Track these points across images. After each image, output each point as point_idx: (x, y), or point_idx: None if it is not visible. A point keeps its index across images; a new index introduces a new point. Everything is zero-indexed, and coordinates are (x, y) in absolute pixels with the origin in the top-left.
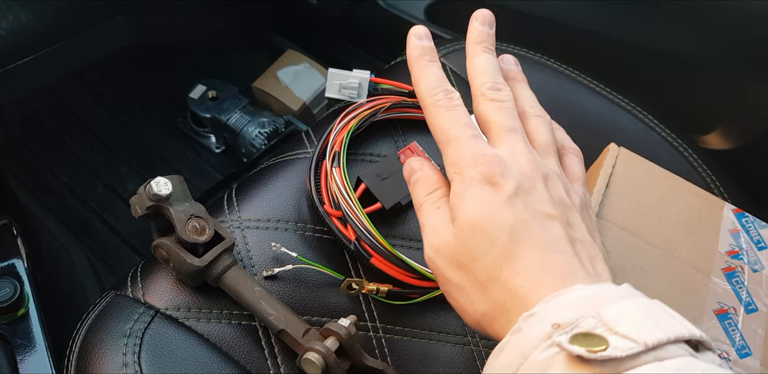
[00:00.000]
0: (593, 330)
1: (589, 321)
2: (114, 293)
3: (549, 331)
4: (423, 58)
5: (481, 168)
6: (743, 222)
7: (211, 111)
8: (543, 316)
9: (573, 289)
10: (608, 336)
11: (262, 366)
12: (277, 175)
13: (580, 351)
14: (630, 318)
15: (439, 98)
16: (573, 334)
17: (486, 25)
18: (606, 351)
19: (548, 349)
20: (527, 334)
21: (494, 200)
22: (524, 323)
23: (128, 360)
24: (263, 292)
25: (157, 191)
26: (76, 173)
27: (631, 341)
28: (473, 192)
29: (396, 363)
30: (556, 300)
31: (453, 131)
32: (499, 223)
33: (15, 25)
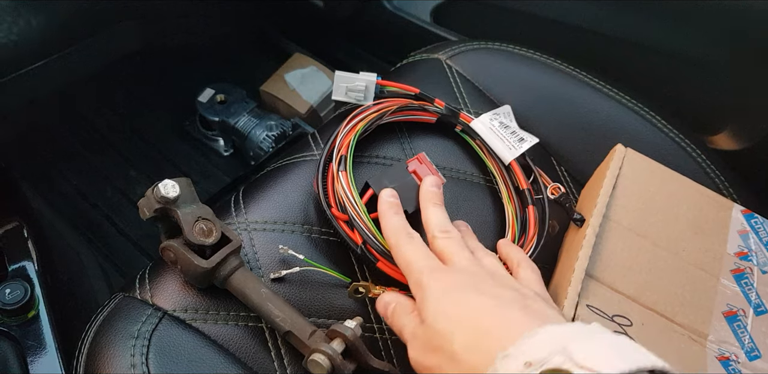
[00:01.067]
0: (561, 366)
1: (557, 357)
2: (122, 295)
3: (522, 369)
4: (390, 210)
5: (443, 272)
6: (752, 223)
7: (219, 114)
8: (516, 356)
9: (543, 329)
10: (574, 370)
11: (268, 367)
12: (284, 177)
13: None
14: (594, 352)
15: (402, 237)
16: (542, 370)
17: (434, 186)
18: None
19: None
20: (504, 372)
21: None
22: (500, 363)
23: (136, 361)
24: (270, 294)
25: (165, 193)
26: (86, 176)
27: (592, 372)
28: (431, 293)
29: (402, 365)
30: (529, 340)
31: (412, 257)
32: (456, 294)
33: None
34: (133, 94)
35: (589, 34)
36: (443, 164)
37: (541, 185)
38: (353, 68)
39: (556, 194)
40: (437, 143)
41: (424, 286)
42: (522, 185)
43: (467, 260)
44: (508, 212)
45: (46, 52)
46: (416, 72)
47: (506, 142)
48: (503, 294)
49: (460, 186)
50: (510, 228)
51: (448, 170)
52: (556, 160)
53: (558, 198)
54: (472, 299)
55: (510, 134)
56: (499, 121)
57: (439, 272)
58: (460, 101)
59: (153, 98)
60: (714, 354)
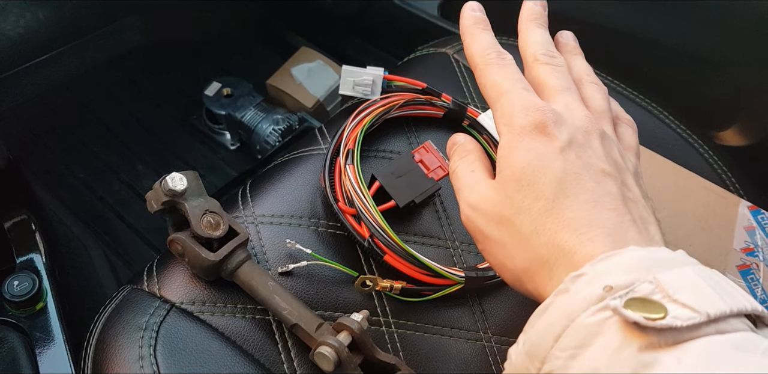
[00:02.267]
0: (650, 296)
1: (645, 285)
2: (130, 287)
3: (600, 294)
4: (476, 26)
5: (533, 117)
6: (759, 219)
7: (225, 108)
8: (593, 277)
9: (626, 250)
10: (667, 303)
11: (275, 359)
12: (291, 171)
13: (637, 317)
14: (690, 286)
15: (492, 57)
16: (628, 299)
17: (539, 6)
18: (665, 320)
19: (599, 313)
20: (575, 295)
21: (545, 150)
22: (572, 283)
23: (144, 352)
24: (277, 287)
25: (173, 186)
26: (94, 169)
27: (691, 310)
28: (522, 143)
29: (408, 358)
30: (609, 260)
31: (504, 84)
32: (549, 174)
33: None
34: (140, 87)
35: (597, 29)
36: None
37: None
38: (360, 62)
39: None
40: (444, 138)
41: (515, 129)
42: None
43: (573, 103)
44: None
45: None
46: (423, 66)
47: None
48: (605, 187)
49: None
50: None
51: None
52: None
53: None
54: (569, 175)
55: None
56: None
57: (536, 113)
58: (467, 96)
59: (160, 91)
60: None
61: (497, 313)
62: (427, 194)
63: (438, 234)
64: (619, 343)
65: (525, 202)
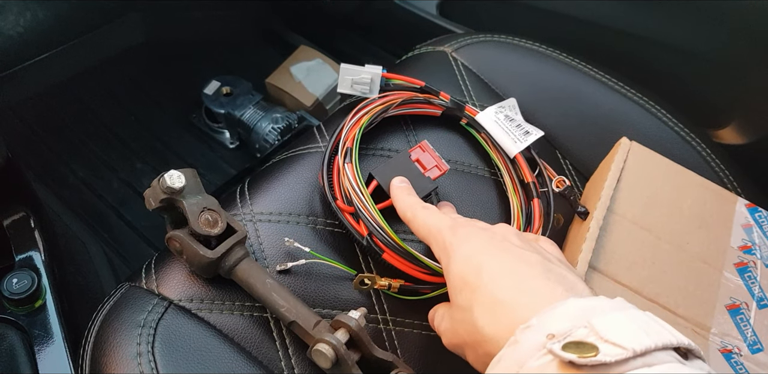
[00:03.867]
0: (585, 339)
1: (581, 330)
2: (129, 284)
3: (543, 341)
4: (402, 192)
5: (459, 229)
6: (756, 217)
7: (225, 107)
8: (539, 327)
9: (568, 301)
10: (599, 343)
11: (273, 356)
12: (289, 169)
13: (571, 356)
14: (619, 327)
15: (418, 208)
16: (566, 342)
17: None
18: (596, 357)
19: (542, 357)
20: (523, 344)
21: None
22: (521, 334)
23: (142, 349)
24: (275, 284)
25: (171, 184)
26: (93, 167)
27: (620, 347)
28: (458, 251)
29: (405, 355)
30: (552, 312)
31: (431, 221)
32: (482, 270)
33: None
34: (139, 86)
35: (595, 27)
36: (448, 157)
37: (546, 178)
38: (359, 61)
39: (560, 187)
40: (442, 136)
41: (449, 249)
42: (527, 178)
43: (484, 223)
44: (513, 205)
45: (52, 44)
46: (422, 65)
47: (511, 135)
48: (527, 258)
49: (465, 179)
50: (515, 221)
51: (453, 163)
52: (561, 153)
53: (563, 191)
54: (495, 265)
55: (515, 127)
56: (504, 114)
57: (463, 228)
58: (465, 94)
59: (159, 90)
60: (716, 347)
61: None
62: (423, 193)
63: None
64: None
65: (467, 301)
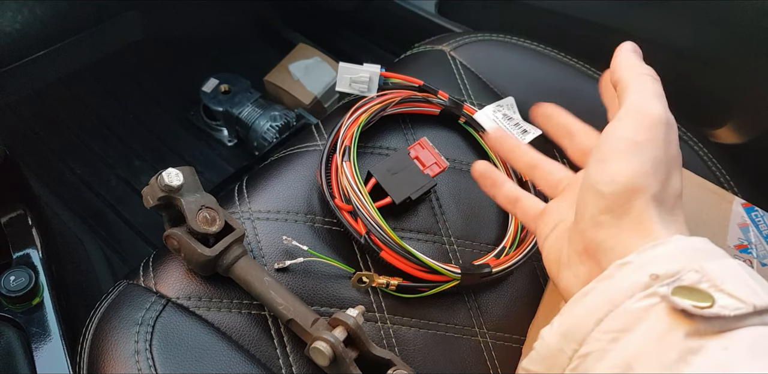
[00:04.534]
0: (697, 285)
1: (691, 274)
2: (126, 282)
3: (646, 281)
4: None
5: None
6: (752, 216)
7: (223, 105)
8: (639, 265)
9: (672, 240)
10: (714, 292)
11: (271, 354)
12: (288, 167)
13: (685, 304)
14: (735, 277)
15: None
16: (675, 287)
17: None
18: (713, 309)
19: (645, 299)
20: (620, 282)
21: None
22: (617, 270)
23: (140, 347)
24: (273, 282)
25: (169, 181)
26: (90, 165)
27: (738, 300)
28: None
29: (403, 353)
30: (654, 249)
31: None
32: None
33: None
34: (137, 84)
35: (593, 26)
36: (446, 156)
37: None
38: (357, 59)
39: None
40: (440, 135)
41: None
42: (525, 177)
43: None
44: None
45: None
46: (420, 63)
47: (509, 134)
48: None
49: (463, 178)
50: (513, 221)
51: (452, 162)
52: (559, 152)
53: None
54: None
55: (513, 126)
56: (502, 113)
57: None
58: (463, 93)
59: (157, 87)
60: None
61: (493, 309)
62: (422, 191)
63: (434, 230)
64: (666, 329)
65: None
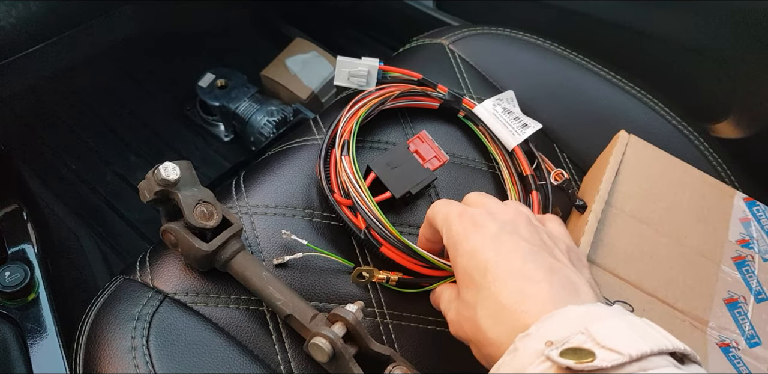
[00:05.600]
0: (582, 345)
1: (578, 337)
2: (123, 277)
3: (542, 348)
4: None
5: (467, 218)
6: (754, 211)
7: (220, 99)
8: (537, 335)
9: (565, 310)
10: (596, 349)
11: (269, 350)
12: (285, 162)
13: (568, 363)
14: (616, 333)
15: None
16: (563, 349)
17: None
18: (593, 363)
19: (541, 364)
20: (523, 352)
21: (481, 240)
22: (520, 342)
23: (137, 343)
24: (271, 277)
25: (165, 175)
26: (86, 160)
27: (616, 353)
28: (461, 245)
29: (402, 349)
30: (550, 319)
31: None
32: (480, 266)
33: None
34: (134, 78)
35: (592, 20)
36: (446, 150)
37: (544, 171)
38: (355, 53)
39: (559, 181)
40: (439, 129)
41: (456, 239)
42: (525, 171)
43: (496, 204)
44: (510, 198)
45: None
46: (419, 57)
47: (509, 128)
48: (533, 257)
49: (463, 172)
50: None
51: (451, 156)
52: (559, 146)
53: (561, 184)
54: (501, 266)
55: (513, 120)
56: (502, 106)
57: (471, 217)
58: (462, 87)
59: (153, 82)
60: (714, 341)
61: None
62: (422, 185)
63: None
64: None
65: (472, 299)
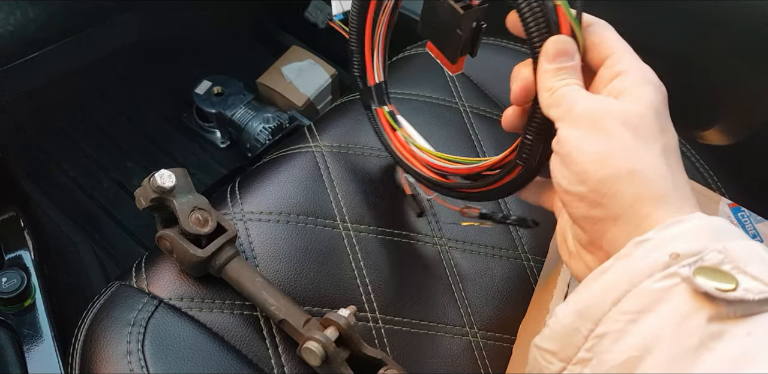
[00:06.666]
0: (720, 266)
1: (714, 254)
2: (119, 283)
3: (666, 261)
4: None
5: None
6: (739, 217)
7: (216, 106)
8: (659, 243)
9: (692, 217)
10: (737, 274)
11: (263, 355)
12: (280, 169)
13: (709, 287)
14: (759, 259)
15: None
16: (697, 267)
17: None
18: (736, 292)
19: (665, 280)
20: (639, 261)
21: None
22: (635, 248)
23: (132, 348)
24: (264, 283)
25: (161, 183)
26: (83, 167)
27: (762, 283)
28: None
29: (395, 353)
30: (675, 227)
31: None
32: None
33: (23, 21)
34: (131, 85)
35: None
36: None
37: None
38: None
39: None
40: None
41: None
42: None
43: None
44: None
45: (43, 43)
46: (412, 66)
47: None
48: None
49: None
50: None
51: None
52: None
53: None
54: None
55: None
56: None
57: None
58: (455, 95)
59: (150, 89)
60: None
61: (483, 309)
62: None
63: (426, 232)
64: (687, 312)
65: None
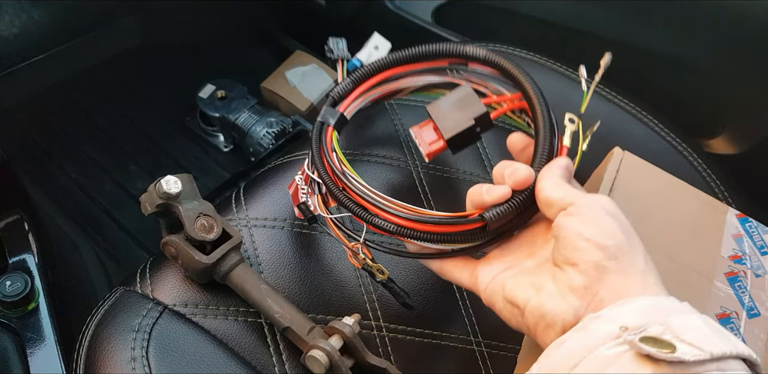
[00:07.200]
0: (661, 336)
1: (656, 327)
2: (123, 289)
3: (617, 332)
4: None
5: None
6: (747, 227)
7: (219, 110)
8: (611, 319)
9: (640, 299)
10: (676, 342)
11: (267, 362)
12: (285, 175)
13: (651, 350)
14: (695, 330)
15: None
16: (641, 337)
17: None
18: (675, 354)
19: (616, 347)
20: (593, 332)
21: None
22: (590, 322)
23: (136, 354)
24: (269, 290)
25: (167, 189)
26: (86, 170)
27: (697, 349)
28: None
29: (399, 362)
30: (624, 306)
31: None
32: None
33: (28, 23)
34: (135, 89)
35: (588, 37)
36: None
37: None
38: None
39: None
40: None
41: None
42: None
43: None
44: None
45: (47, 45)
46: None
47: None
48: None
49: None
50: None
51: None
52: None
53: None
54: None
55: None
56: None
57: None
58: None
59: (154, 93)
60: None
61: (488, 318)
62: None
63: None
64: (633, 370)
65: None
